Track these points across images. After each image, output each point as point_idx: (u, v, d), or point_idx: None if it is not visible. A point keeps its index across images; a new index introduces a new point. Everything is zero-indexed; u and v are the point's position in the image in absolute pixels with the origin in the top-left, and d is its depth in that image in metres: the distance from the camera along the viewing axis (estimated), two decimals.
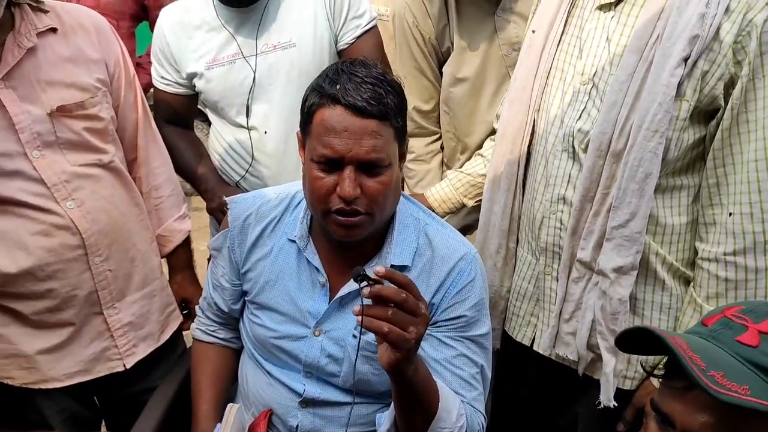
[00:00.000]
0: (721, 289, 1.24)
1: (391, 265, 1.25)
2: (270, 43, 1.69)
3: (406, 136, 1.23)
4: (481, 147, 1.85)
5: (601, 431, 1.42)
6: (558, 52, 1.40)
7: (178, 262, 1.71)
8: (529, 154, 1.46)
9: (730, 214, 1.22)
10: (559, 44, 1.40)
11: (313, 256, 1.29)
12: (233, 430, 1.30)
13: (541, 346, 1.44)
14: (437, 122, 2.04)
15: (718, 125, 1.22)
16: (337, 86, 1.13)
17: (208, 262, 1.50)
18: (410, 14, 1.90)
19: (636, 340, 0.87)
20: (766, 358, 0.77)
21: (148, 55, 2.25)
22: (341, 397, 1.31)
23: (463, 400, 1.22)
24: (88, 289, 1.41)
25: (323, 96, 1.14)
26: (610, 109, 1.26)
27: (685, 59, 1.18)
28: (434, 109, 2.02)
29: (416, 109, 1.99)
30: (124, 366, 1.50)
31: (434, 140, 2.07)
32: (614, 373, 1.31)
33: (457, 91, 1.92)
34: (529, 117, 1.44)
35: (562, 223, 1.37)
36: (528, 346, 1.49)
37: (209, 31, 1.70)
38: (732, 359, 0.78)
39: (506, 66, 1.85)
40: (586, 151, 1.30)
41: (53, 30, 1.36)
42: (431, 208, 1.70)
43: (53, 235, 1.35)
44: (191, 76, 1.73)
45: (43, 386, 1.42)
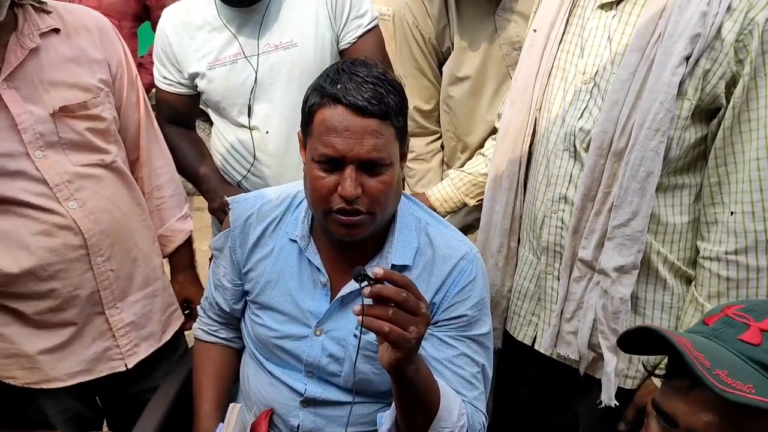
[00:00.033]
0: (722, 288, 1.24)
1: (392, 264, 1.25)
2: (272, 43, 1.69)
3: (407, 136, 1.23)
4: (481, 146, 1.84)
5: (602, 430, 1.42)
6: (559, 51, 1.40)
7: (179, 262, 1.71)
8: (530, 154, 1.46)
9: (732, 212, 1.22)
10: (560, 43, 1.40)
11: (314, 255, 1.29)
12: (235, 430, 1.31)
13: (543, 346, 1.44)
14: (437, 122, 2.04)
15: (719, 124, 1.21)
16: (338, 86, 1.13)
17: (210, 262, 1.50)
18: (410, 14, 1.90)
19: (638, 341, 0.87)
20: None
21: (150, 55, 2.25)
22: (342, 397, 1.31)
23: (464, 400, 1.22)
24: (90, 289, 1.41)
25: (324, 96, 1.14)
26: (612, 108, 1.26)
27: (687, 58, 1.18)
28: (435, 109, 2.02)
29: (417, 109, 1.99)
30: (126, 366, 1.50)
31: (434, 139, 2.07)
32: (615, 373, 1.31)
33: (457, 91, 1.92)
34: (531, 116, 1.44)
35: (563, 223, 1.37)
36: (529, 345, 1.49)
37: (211, 31, 1.70)
38: (735, 358, 0.77)
39: (507, 65, 1.85)
40: (587, 150, 1.30)
41: (56, 30, 1.37)
42: (433, 208, 1.70)
43: (55, 235, 1.35)
44: (193, 76, 1.73)
45: (45, 386, 1.42)
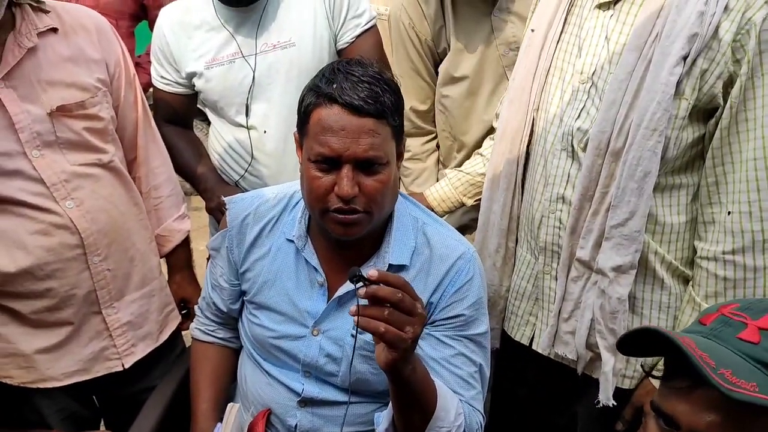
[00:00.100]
0: (720, 288, 1.24)
1: (390, 264, 1.25)
2: (269, 43, 1.69)
3: (403, 135, 1.23)
4: (477, 145, 1.84)
5: (600, 430, 1.42)
6: (557, 51, 1.40)
7: (177, 262, 1.71)
8: (528, 154, 1.46)
9: (729, 212, 1.22)
10: (558, 43, 1.40)
11: (312, 255, 1.29)
12: (233, 430, 1.30)
13: (540, 346, 1.44)
14: (433, 122, 2.04)
15: (717, 124, 1.21)
16: (334, 85, 1.13)
17: (207, 261, 1.50)
18: (406, 16, 1.89)
19: (638, 342, 0.86)
20: None
21: (147, 54, 2.25)
22: (340, 397, 1.31)
23: (461, 399, 1.22)
24: (87, 289, 1.41)
25: (320, 95, 1.14)
26: (609, 108, 1.25)
27: (684, 58, 1.18)
28: (431, 109, 2.01)
29: (413, 110, 1.99)
30: (123, 366, 1.50)
31: (430, 139, 2.06)
32: (613, 372, 1.31)
33: (453, 91, 1.92)
34: (528, 116, 1.44)
35: (561, 222, 1.37)
36: (527, 345, 1.49)
37: (209, 30, 1.70)
38: (736, 357, 0.77)
39: (503, 66, 1.85)
40: (585, 150, 1.30)
41: (54, 30, 1.36)
42: (430, 208, 1.70)
43: (52, 234, 1.35)
44: (191, 76, 1.73)
45: (42, 385, 1.42)
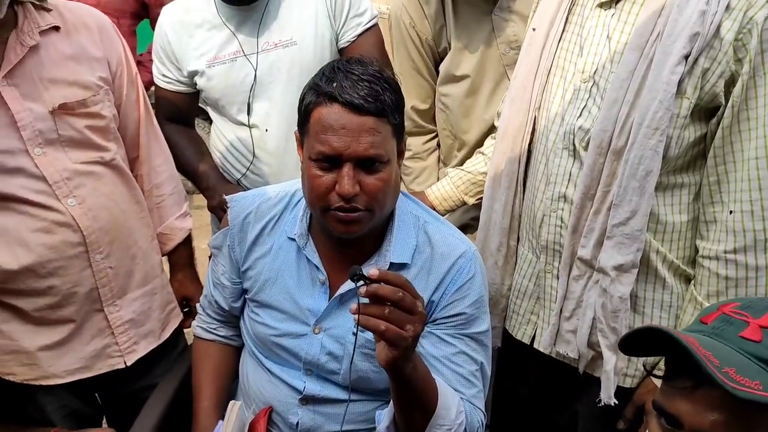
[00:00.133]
0: (721, 287, 1.24)
1: (391, 262, 1.25)
2: (271, 41, 1.69)
3: (404, 133, 1.23)
4: (478, 144, 1.84)
5: (601, 429, 1.42)
6: (559, 50, 1.40)
7: (179, 260, 1.71)
8: (529, 152, 1.46)
9: (731, 211, 1.22)
10: (559, 42, 1.39)
11: (313, 254, 1.29)
12: (234, 428, 1.31)
13: (542, 344, 1.44)
14: (434, 120, 2.03)
15: (718, 123, 1.21)
16: (334, 84, 1.13)
17: (209, 260, 1.50)
18: (407, 16, 1.89)
19: (640, 342, 0.86)
20: None
21: (149, 53, 2.25)
22: (341, 395, 1.31)
23: (462, 398, 1.22)
24: (89, 286, 1.41)
25: (320, 94, 1.14)
26: (611, 107, 1.25)
27: (686, 57, 1.18)
28: (431, 108, 2.01)
29: (414, 108, 1.99)
30: (125, 363, 1.50)
31: (431, 138, 2.06)
32: (615, 371, 1.31)
33: (454, 90, 1.92)
34: (530, 115, 1.43)
35: (562, 221, 1.37)
36: (528, 344, 1.49)
37: (210, 29, 1.70)
38: (739, 355, 0.77)
39: (504, 65, 1.84)
40: (586, 149, 1.30)
41: (56, 28, 1.37)
42: (432, 206, 1.70)
43: (54, 232, 1.35)
44: (192, 74, 1.73)
45: (44, 383, 1.42)
